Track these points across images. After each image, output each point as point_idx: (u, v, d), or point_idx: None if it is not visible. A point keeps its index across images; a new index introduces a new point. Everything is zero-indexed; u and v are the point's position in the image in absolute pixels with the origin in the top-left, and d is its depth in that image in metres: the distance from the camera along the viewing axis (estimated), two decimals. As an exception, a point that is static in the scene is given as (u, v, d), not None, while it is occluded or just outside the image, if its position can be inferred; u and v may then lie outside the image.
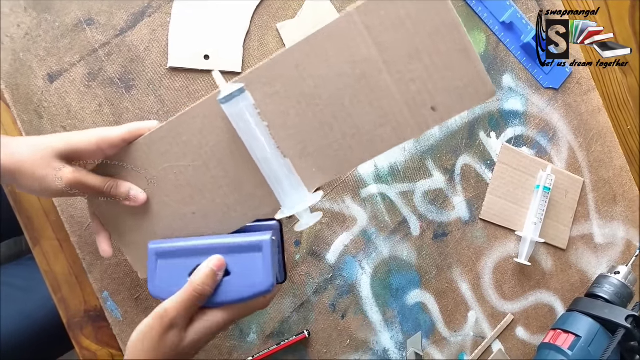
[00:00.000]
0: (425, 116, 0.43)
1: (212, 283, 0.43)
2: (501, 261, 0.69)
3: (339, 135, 0.44)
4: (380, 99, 0.43)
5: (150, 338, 0.42)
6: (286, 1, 0.61)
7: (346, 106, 0.44)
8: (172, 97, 0.59)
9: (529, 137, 0.69)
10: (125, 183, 0.47)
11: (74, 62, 0.56)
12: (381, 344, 0.65)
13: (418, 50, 0.42)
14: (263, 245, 0.44)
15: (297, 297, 0.62)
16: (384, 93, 0.43)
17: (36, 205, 0.56)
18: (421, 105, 0.43)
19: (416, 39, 0.42)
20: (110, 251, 0.50)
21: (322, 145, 0.45)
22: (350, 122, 0.44)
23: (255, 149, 0.44)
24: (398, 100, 0.43)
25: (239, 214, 0.47)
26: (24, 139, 0.46)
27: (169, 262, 0.45)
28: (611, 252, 0.73)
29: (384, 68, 0.42)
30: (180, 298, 0.42)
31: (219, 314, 0.44)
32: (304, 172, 0.45)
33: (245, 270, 0.44)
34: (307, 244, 0.63)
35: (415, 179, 0.66)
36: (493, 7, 0.67)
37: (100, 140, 0.45)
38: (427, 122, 0.43)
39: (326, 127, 0.44)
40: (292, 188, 0.45)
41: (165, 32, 0.58)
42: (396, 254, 0.65)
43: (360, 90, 0.43)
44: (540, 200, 0.68)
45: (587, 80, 0.71)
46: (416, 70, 0.42)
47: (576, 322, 0.64)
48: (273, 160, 0.44)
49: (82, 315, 0.57)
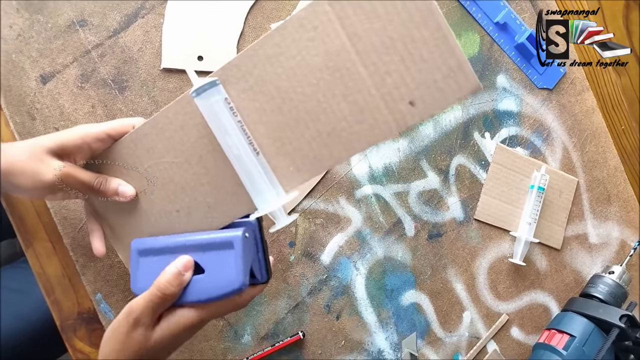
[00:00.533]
0: (403, 112, 0.40)
1: (177, 283, 0.43)
2: (496, 261, 0.69)
3: (315, 132, 0.42)
4: (355, 93, 0.41)
5: (117, 335, 0.43)
6: (280, 2, 0.61)
7: (321, 102, 0.42)
8: (165, 98, 0.58)
9: (523, 137, 0.69)
10: (115, 179, 0.48)
11: (66, 64, 0.56)
12: (376, 345, 0.65)
13: (392, 39, 0.39)
14: (234, 242, 0.43)
15: (291, 298, 0.62)
16: (359, 87, 0.40)
17: (29, 207, 0.56)
18: (398, 99, 0.40)
19: (390, 27, 0.39)
20: (103, 250, 0.50)
21: (298, 143, 0.43)
22: (325, 119, 0.42)
23: (228, 145, 0.43)
24: (374, 95, 0.40)
25: (220, 213, 0.46)
26: (15, 143, 0.47)
27: (150, 260, 0.45)
28: (605, 251, 0.73)
29: (357, 60, 0.40)
30: (145, 297, 0.42)
31: (188, 313, 0.43)
32: (281, 171, 0.44)
33: (217, 268, 0.43)
34: (301, 244, 0.63)
35: (409, 180, 0.66)
36: (487, 7, 0.67)
37: (85, 135, 0.46)
38: (405, 118, 0.40)
39: (302, 124, 0.42)
40: (266, 187, 0.43)
41: (159, 33, 0.58)
42: (391, 255, 0.65)
43: (334, 84, 0.41)
44: (535, 200, 0.68)
45: (581, 81, 0.71)
46: (391, 61, 0.39)
47: (571, 322, 0.65)
48: (246, 158, 0.43)
49: (76, 317, 0.57)
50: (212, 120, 0.43)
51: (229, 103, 0.43)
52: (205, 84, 0.42)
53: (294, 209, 0.62)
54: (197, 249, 0.44)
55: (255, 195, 0.44)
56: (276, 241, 0.62)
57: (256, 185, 0.43)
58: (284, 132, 0.43)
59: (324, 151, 0.43)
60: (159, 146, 0.46)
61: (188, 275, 0.43)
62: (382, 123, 0.41)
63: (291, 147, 0.43)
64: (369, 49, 0.40)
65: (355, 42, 0.40)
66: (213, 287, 0.43)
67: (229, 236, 0.43)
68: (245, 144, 0.43)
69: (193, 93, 0.42)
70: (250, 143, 0.43)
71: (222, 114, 0.42)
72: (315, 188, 0.62)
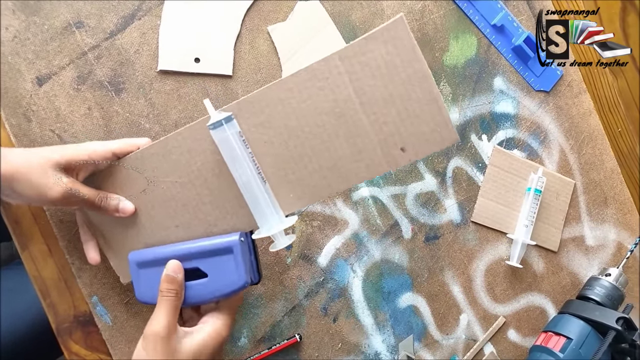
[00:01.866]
0: (395, 156, 0.47)
1: (175, 286, 0.46)
2: (493, 264, 0.69)
3: (317, 166, 0.48)
4: (356, 136, 0.47)
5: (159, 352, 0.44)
6: (277, 3, 0.61)
7: (324, 141, 0.48)
8: (162, 100, 0.58)
9: (520, 139, 0.69)
10: (115, 196, 0.50)
11: (63, 65, 0.56)
12: (373, 347, 0.65)
13: (392, 95, 0.46)
14: (233, 246, 0.47)
15: (288, 300, 0.62)
16: (360, 132, 0.47)
17: (24, 210, 0.56)
18: (392, 145, 0.47)
19: (390, 85, 0.46)
20: (98, 259, 0.53)
21: (301, 174, 0.48)
22: (327, 156, 0.48)
23: (238, 173, 0.47)
24: (372, 139, 0.47)
25: (219, 229, 0.50)
26: (19, 149, 0.48)
27: (150, 270, 0.49)
28: (602, 254, 0.73)
29: (360, 109, 0.47)
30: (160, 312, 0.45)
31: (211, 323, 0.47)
32: (282, 197, 0.49)
33: (219, 271, 0.48)
34: (298, 247, 0.62)
35: (406, 182, 0.65)
36: (484, 9, 0.67)
37: (92, 152, 0.48)
38: (397, 161, 0.48)
39: (305, 158, 0.48)
40: (270, 211, 0.48)
41: (156, 35, 0.58)
42: (388, 257, 0.65)
43: (338, 127, 0.47)
44: (532, 203, 0.68)
45: (578, 83, 0.72)
46: (389, 114, 0.47)
47: (567, 324, 0.65)
48: (254, 185, 0.47)
49: (71, 320, 0.57)
50: (225, 150, 0.47)
51: (242, 136, 0.47)
52: (222, 119, 0.46)
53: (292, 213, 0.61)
54: (197, 256, 0.48)
55: (259, 218, 0.48)
56: (273, 243, 0.62)
57: (261, 210, 0.48)
58: (288, 164, 0.48)
59: (323, 183, 0.49)
60: (164, 166, 0.50)
61: (181, 275, 0.47)
62: (377, 163, 0.48)
63: (294, 177, 0.49)
64: (372, 101, 0.47)
65: (360, 94, 0.47)
66: (217, 289, 0.48)
67: (227, 242, 0.47)
68: (255, 173, 0.47)
69: (210, 126, 0.46)
70: (259, 173, 0.48)
71: (235, 145, 0.47)
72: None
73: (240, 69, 0.60)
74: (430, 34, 0.66)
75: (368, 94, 0.46)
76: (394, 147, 0.47)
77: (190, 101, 0.59)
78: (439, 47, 0.66)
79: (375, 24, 0.64)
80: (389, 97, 0.46)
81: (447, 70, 0.66)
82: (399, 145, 0.47)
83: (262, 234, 0.48)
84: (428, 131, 0.47)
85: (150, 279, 0.48)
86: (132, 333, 0.58)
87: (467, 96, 0.67)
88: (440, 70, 0.66)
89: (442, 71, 0.66)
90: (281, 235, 0.48)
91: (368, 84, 0.46)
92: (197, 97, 0.59)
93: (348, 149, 0.48)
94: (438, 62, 0.66)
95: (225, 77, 0.60)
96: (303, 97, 0.47)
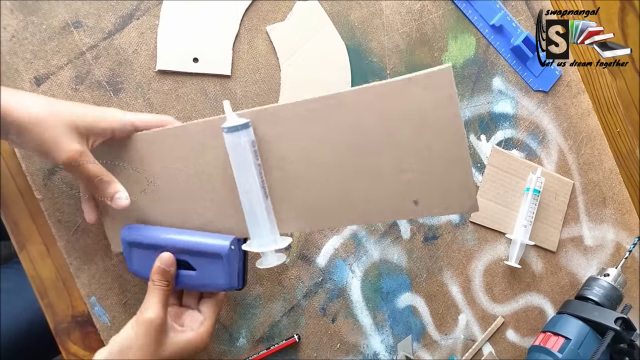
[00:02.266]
0: (406, 207, 0.44)
1: (168, 278, 0.48)
2: (491, 264, 0.69)
3: (326, 195, 0.46)
4: (371, 176, 0.44)
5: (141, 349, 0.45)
6: (276, 3, 0.61)
7: (341, 173, 0.45)
8: (160, 100, 0.58)
9: (518, 139, 0.69)
10: (115, 184, 0.49)
11: (61, 65, 0.56)
12: (372, 348, 0.65)
13: (418, 145, 0.43)
14: (222, 253, 0.48)
15: (287, 301, 0.62)
16: (377, 173, 0.44)
17: (22, 209, 0.56)
18: (406, 195, 0.44)
19: (420, 134, 0.43)
20: (95, 217, 0.52)
21: (307, 198, 0.47)
22: (337, 187, 0.45)
23: (242, 181, 0.46)
24: (387, 184, 0.44)
25: (214, 228, 0.50)
26: (38, 97, 0.47)
27: (141, 252, 0.50)
28: (601, 254, 0.73)
29: (383, 151, 0.44)
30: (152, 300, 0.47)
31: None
32: (282, 215, 0.48)
33: (207, 271, 0.49)
34: (297, 247, 0.62)
35: (405, 182, 0.65)
36: (483, 10, 0.67)
37: (113, 121, 0.48)
38: (406, 212, 0.45)
39: (317, 184, 0.46)
40: (265, 228, 0.47)
41: (154, 35, 0.58)
42: (386, 257, 0.65)
43: (356, 162, 0.45)
44: (530, 203, 0.68)
45: (577, 83, 0.72)
46: (412, 162, 0.43)
47: (566, 324, 0.65)
48: (255, 198, 0.46)
49: (70, 320, 0.57)
50: (235, 156, 0.46)
51: (254, 146, 0.46)
52: (239, 125, 0.45)
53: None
54: (186, 252, 0.48)
55: (253, 231, 0.47)
56: (271, 244, 0.61)
57: (256, 224, 0.47)
58: (297, 184, 0.47)
59: (325, 214, 0.47)
60: (175, 153, 0.49)
61: (173, 269, 0.48)
62: (385, 209, 0.45)
63: (298, 199, 0.47)
64: (397, 145, 0.43)
65: (387, 135, 0.43)
66: (205, 284, 0.49)
67: (217, 246, 0.48)
68: (259, 187, 0.46)
69: (225, 129, 0.45)
70: (263, 187, 0.46)
71: (246, 154, 0.45)
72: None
73: (238, 69, 0.60)
74: (429, 34, 0.66)
75: (395, 137, 0.43)
76: (407, 198, 0.44)
77: (189, 101, 0.59)
78: (438, 47, 0.66)
79: (373, 24, 0.64)
80: (415, 146, 0.43)
81: (445, 70, 0.66)
82: (413, 197, 0.44)
83: (253, 249, 0.47)
84: (447, 191, 0.43)
85: (142, 258, 0.49)
86: (130, 333, 0.58)
87: (466, 96, 0.67)
88: (439, 70, 0.66)
89: (441, 71, 0.66)
90: (271, 253, 0.48)
91: (397, 127, 0.43)
92: (196, 97, 0.59)
93: (360, 187, 0.45)
94: (437, 62, 0.66)
95: (223, 77, 0.60)
96: (327, 121, 0.44)
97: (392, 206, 0.45)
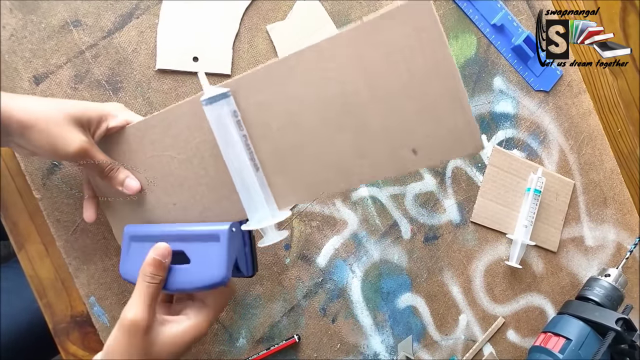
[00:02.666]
0: (405, 158, 0.40)
1: (161, 272, 0.44)
2: (492, 264, 0.69)
3: (316, 160, 0.43)
4: (362, 131, 0.41)
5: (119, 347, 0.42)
6: (276, 2, 0.61)
7: (328, 132, 0.42)
8: (160, 100, 0.58)
9: (519, 139, 0.69)
10: (125, 170, 0.49)
11: (60, 64, 0.56)
12: (372, 348, 0.64)
13: (408, 87, 0.39)
14: (220, 235, 0.44)
15: (287, 301, 0.62)
16: (367, 126, 0.41)
17: (21, 209, 0.55)
18: (403, 145, 0.40)
19: (407, 75, 0.39)
20: (94, 217, 0.52)
21: (299, 166, 0.43)
22: (328, 150, 0.42)
23: (230, 155, 0.43)
24: (380, 136, 0.41)
25: (213, 214, 0.47)
26: (35, 97, 0.47)
27: (140, 245, 0.47)
28: (602, 254, 0.73)
29: (370, 99, 0.40)
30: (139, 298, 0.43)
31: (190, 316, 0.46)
32: (278, 189, 0.45)
33: (203, 259, 0.44)
34: (297, 247, 0.62)
35: (406, 182, 0.65)
36: (484, 9, 0.67)
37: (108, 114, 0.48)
38: (406, 164, 0.41)
39: (305, 149, 0.43)
40: (260, 202, 0.44)
41: (154, 34, 0.58)
42: (387, 258, 0.65)
43: (344, 118, 0.41)
44: (531, 203, 0.68)
45: (578, 83, 0.71)
46: (403, 108, 0.40)
47: (567, 325, 0.64)
48: (245, 172, 0.43)
49: (69, 320, 0.57)
50: (218, 130, 0.43)
51: (237, 116, 0.43)
52: (217, 95, 0.42)
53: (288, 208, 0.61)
54: (185, 239, 0.46)
55: (249, 209, 0.44)
56: (272, 244, 0.61)
57: (252, 200, 0.44)
58: (286, 153, 0.43)
59: (321, 179, 0.43)
60: (165, 140, 0.48)
61: (168, 260, 0.45)
62: (383, 164, 0.41)
63: (291, 168, 0.44)
64: (384, 91, 0.39)
65: (371, 82, 0.40)
66: (197, 279, 0.44)
67: (216, 229, 0.44)
68: (247, 159, 0.43)
69: (204, 101, 0.42)
70: (252, 158, 0.44)
71: (229, 125, 0.43)
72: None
73: (239, 68, 0.60)
74: (430, 34, 0.65)
75: (380, 83, 0.39)
76: (405, 148, 0.40)
77: (189, 100, 0.59)
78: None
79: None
80: (403, 89, 0.39)
81: (446, 69, 0.66)
82: (410, 147, 0.40)
83: (251, 227, 0.44)
84: (447, 133, 0.39)
85: (138, 253, 0.46)
86: (129, 333, 0.58)
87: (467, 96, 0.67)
88: (439, 69, 0.66)
89: (442, 71, 0.66)
90: (271, 229, 0.44)
91: (380, 71, 0.39)
92: (196, 97, 0.59)
93: (353, 145, 0.41)
94: (438, 62, 0.66)
95: (223, 76, 0.59)
96: (306, 79, 0.41)
97: (390, 160, 0.41)
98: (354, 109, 0.41)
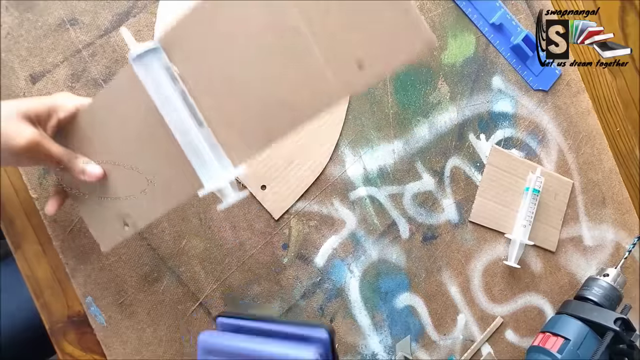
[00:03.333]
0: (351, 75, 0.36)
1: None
2: (490, 264, 0.69)
3: (261, 103, 0.39)
4: (300, 55, 0.37)
5: None
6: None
7: (265, 69, 0.38)
8: (157, 99, 0.58)
9: (518, 139, 0.69)
10: (82, 157, 0.48)
11: (57, 63, 0.55)
12: (370, 348, 0.64)
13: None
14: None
15: (285, 301, 0.62)
16: (303, 47, 0.36)
17: (18, 209, 0.55)
18: (345, 61, 0.36)
19: None
20: (53, 211, 0.51)
21: (245, 114, 0.40)
22: (270, 88, 0.38)
23: (171, 116, 0.40)
24: (318, 55, 0.36)
25: (175, 191, 0.44)
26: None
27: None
28: (600, 254, 0.73)
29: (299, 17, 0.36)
30: None
31: None
32: (229, 144, 0.41)
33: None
34: (295, 247, 0.62)
35: (404, 182, 0.65)
36: (483, 8, 0.67)
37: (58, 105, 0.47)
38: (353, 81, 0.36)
39: (247, 94, 0.39)
40: (210, 160, 0.40)
41: (151, 33, 0.57)
42: (385, 257, 0.65)
43: (280, 45, 0.37)
44: (530, 203, 0.67)
45: (577, 82, 0.71)
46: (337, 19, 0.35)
47: (565, 325, 0.64)
48: (187, 127, 0.40)
49: (65, 320, 0.56)
50: (153, 90, 0.40)
51: (170, 71, 0.40)
52: (145, 50, 0.39)
53: (288, 210, 0.61)
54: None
55: (201, 172, 0.41)
56: (269, 243, 0.61)
57: (201, 160, 0.40)
58: (230, 103, 0.40)
59: (271, 123, 0.39)
60: (113, 121, 0.45)
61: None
62: (328, 87, 0.37)
63: (238, 119, 0.40)
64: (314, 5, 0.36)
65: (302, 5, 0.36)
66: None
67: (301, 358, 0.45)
68: (187, 114, 0.40)
69: (133, 61, 0.39)
70: (194, 114, 0.40)
71: (162, 81, 0.39)
72: (309, 190, 0.62)
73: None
74: (429, 33, 0.65)
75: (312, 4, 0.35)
76: (348, 63, 0.35)
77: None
78: (437, 45, 0.66)
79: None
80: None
81: (445, 69, 0.66)
82: (353, 60, 0.35)
83: (207, 190, 0.41)
84: (391, 36, 0.34)
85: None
86: (126, 334, 0.57)
87: (465, 95, 0.67)
88: (438, 69, 0.66)
89: (440, 70, 0.66)
90: (229, 189, 0.41)
91: None
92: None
93: (292, 76, 0.37)
94: (436, 61, 0.66)
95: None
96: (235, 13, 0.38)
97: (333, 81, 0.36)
98: (286, 32, 0.37)
